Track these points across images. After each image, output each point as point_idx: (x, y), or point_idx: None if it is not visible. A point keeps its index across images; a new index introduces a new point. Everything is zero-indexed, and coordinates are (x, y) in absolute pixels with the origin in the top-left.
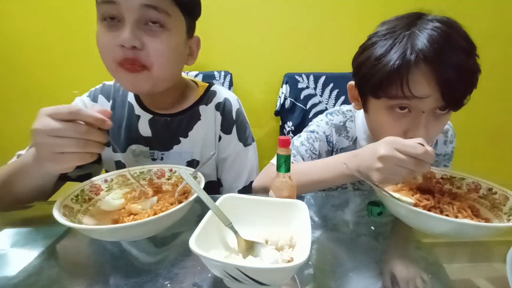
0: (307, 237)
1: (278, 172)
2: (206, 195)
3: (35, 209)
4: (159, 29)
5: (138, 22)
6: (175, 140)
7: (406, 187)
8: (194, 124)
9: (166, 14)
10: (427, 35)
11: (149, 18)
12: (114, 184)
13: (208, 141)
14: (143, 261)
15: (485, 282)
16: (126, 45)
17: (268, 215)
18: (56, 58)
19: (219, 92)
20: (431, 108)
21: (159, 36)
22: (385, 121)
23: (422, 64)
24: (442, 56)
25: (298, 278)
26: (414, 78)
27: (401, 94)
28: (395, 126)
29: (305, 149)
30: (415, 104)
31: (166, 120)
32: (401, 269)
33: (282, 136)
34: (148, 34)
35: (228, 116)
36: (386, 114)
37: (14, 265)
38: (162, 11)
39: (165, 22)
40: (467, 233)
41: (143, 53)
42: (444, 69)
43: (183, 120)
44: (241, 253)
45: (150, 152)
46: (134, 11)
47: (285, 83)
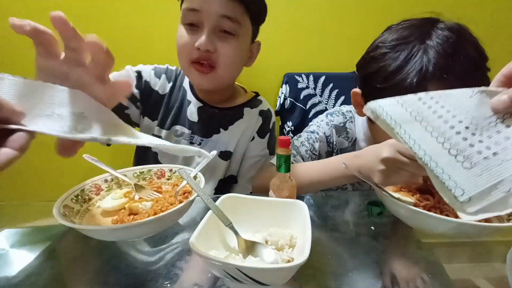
0: (307, 237)
1: (278, 172)
2: (206, 195)
3: (35, 209)
4: (230, 36)
5: (214, 29)
6: (216, 130)
7: (406, 187)
8: (236, 120)
9: (238, 23)
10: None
11: (223, 26)
12: (114, 184)
13: (244, 137)
14: (143, 261)
15: (485, 282)
16: (202, 48)
17: (268, 215)
18: None
19: (264, 102)
20: None
21: (229, 42)
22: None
23: (436, 81)
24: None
25: (298, 278)
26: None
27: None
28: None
29: (305, 149)
30: None
31: (214, 111)
32: (401, 269)
33: (282, 136)
34: (221, 39)
35: (267, 123)
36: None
37: (14, 265)
38: (235, 21)
39: (236, 30)
40: (467, 233)
41: (214, 55)
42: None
43: (228, 115)
44: (241, 253)
45: (191, 136)
46: (212, 19)
47: (285, 83)
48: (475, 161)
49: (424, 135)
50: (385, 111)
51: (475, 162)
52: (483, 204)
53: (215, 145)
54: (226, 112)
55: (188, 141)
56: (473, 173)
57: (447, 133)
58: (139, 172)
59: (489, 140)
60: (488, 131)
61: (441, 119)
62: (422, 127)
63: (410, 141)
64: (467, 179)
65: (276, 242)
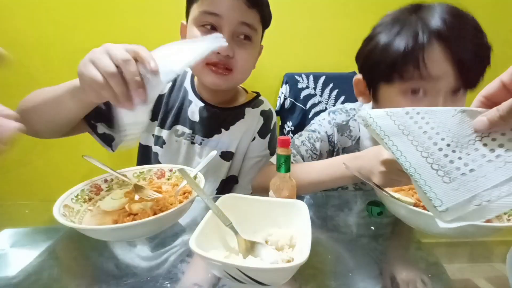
0: (307, 237)
1: (278, 172)
2: (207, 195)
3: (35, 209)
4: (247, 42)
5: (233, 35)
6: (217, 130)
7: (406, 187)
8: (238, 120)
9: (254, 30)
10: (439, 15)
11: (242, 32)
12: (114, 184)
13: (245, 138)
14: (143, 261)
15: (485, 282)
16: (223, 53)
17: (268, 215)
18: (55, 58)
19: (265, 102)
20: (447, 89)
21: (246, 48)
22: (401, 104)
23: (436, 43)
24: (456, 34)
25: (298, 278)
26: (429, 56)
27: (417, 75)
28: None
29: (306, 149)
30: (431, 86)
31: (216, 111)
32: (401, 270)
33: (282, 136)
34: (238, 45)
35: (268, 123)
36: (400, 100)
37: (14, 265)
38: (253, 28)
39: (252, 36)
40: (468, 233)
41: (232, 60)
42: (459, 47)
43: (229, 115)
44: (241, 253)
45: (192, 135)
46: (233, 25)
47: (285, 83)
48: (454, 176)
49: (410, 148)
50: (375, 122)
51: (453, 177)
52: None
53: (216, 145)
54: (227, 112)
55: (189, 141)
56: (451, 187)
57: (431, 149)
58: (139, 172)
59: (467, 157)
60: (467, 149)
61: (426, 135)
62: (408, 140)
63: (397, 152)
64: (446, 193)
65: (276, 242)
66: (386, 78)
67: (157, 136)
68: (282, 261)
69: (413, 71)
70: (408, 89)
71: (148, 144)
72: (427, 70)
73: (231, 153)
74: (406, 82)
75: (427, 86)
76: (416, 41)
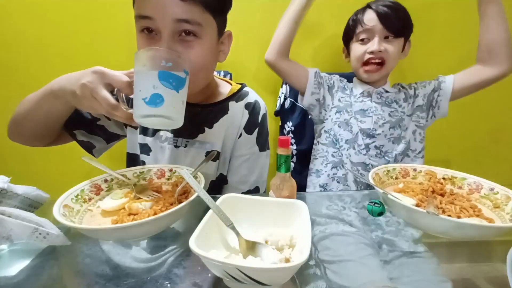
0: (307, 237)
1: (278, 172)
2: (207, 195)
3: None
4: (192, 38)
5: (173, 35)
6: (200, 129)
7: (408, 188)
8: (221, 117)
9: (198, 25)
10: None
11: (182, 30)
12: (114, 184)
13: (230, 135)
14: (143, 261)
15: (485, 282)
16: None
17: (268, 215)
18: (55, 58)
19: (251, 93)
20: (379, 35)
21: (193, 47)
22: (357, 50)
23: (369, 9)
24: (383, 4)
25: (298, 278)
26: (366, 18)
27: (360, 28)
28: (362, 49)
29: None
30: (369, 33)
31: (197, 110)
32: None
33: (282, 136)
34: (183, 45)
35: (254, 117)
36: (356, 47)
37: (14, 265)
38: (195, 23)
39: (198, 32)
40: (469, 233)
41: None
42: (381, 8)
43: (211, 112)
44: (241, 253)
45: (174, 139)
46: (169, 25)
47: (285, 83)
48: None
49: None
50: None
51: None
52: None
53: (201, 145)
54: (209, 108)
55: (172, 145)
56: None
57: None
58: (139, 172)
59: None
60: None
61: None
62: None
63: None
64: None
65: (276, 242)
66: (349, 37)
67: (141, 144)
68: (282, 261)
69: (357, 28)
70: (358, 38)
71: (136, 153)
72: (365, 24)
73: (217, 153)
74: (356, 34)
75: (367, 34)
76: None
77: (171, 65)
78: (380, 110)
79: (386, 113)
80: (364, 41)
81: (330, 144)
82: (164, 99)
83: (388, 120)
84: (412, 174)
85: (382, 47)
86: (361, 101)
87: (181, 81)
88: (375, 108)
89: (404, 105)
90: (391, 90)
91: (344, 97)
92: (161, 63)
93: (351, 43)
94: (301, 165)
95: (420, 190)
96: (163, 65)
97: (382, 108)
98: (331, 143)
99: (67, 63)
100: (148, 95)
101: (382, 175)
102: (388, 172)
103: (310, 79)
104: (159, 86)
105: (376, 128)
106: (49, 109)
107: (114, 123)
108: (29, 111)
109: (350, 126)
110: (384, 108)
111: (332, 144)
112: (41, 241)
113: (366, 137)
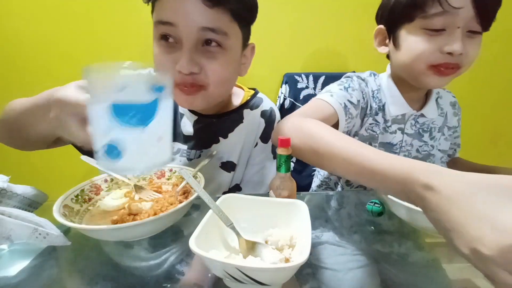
0: (307, 237)
1: (278, 172)
2: (207, 195)
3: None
4: (216, 49)
5: (196, 45)
6: (215, 139)
7: None
8: (236, 126)
9: (224, 34)
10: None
11: (206, 39)
12: (114, 184)
13: (247, 144)
14: (143, 261)
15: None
16: (184, 72)
17: (268, 215)
18: (55, 58)
19: (265, 100)
20: (465, 25)
21: (217, 58)
22: (421, 41)
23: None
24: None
25: (298, 278)
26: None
27: (437, 6)
28: (432, 44)
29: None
30: (451, 20)
31: (212, 121)
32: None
33: (282, 136)
34: (206, 56)
35: (271, 125)
36: (422, 35)
37: (14, 265)
38: (221, 32)
39: (222, 42)
40: None
41: (201, 76)
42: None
43: (226, 121)
44: (241, 253)
45: (187, 151)
46: (193, 34)
47: (285, 83)
48: None
49: None
50: None
51: None
52: None
53: (216, 156)
54: (224, 118)
55: (185, 157)
56: None
57: None
58: None
59: None
60: None
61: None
62: None
63: None
64: None
65: (276, 242)
66: (408, 17)
67: None
68: (282, 261)
69: (433, 4)
70: (428, 24)
71: None
72: (447, 1)
73: (233, 164)
74: (427, 16)
75: (447, 20)
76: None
77: (129, 91)
78: (409, 144)
79: (415, 148)
80: (438, 32)
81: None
82: (123, 148)
83: (415, 156)
84: None
85: (466, 52)
86: (392, 131)
87: (149, 109)
88: (405, 143)
89: (438, 136)
90: (430, 114)
91: (373, 124)
92: (115, 88)
93: (404, 28)
94: (301, 165)
95: None
96: (117, 92)
97: (412, 142)
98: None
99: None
100: (100, 144)
101: None
102: None
103: (341, 123)
104: (113, 128)
105: None
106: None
107: None
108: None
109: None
110: (414, 142)
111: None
112: (41, 241)
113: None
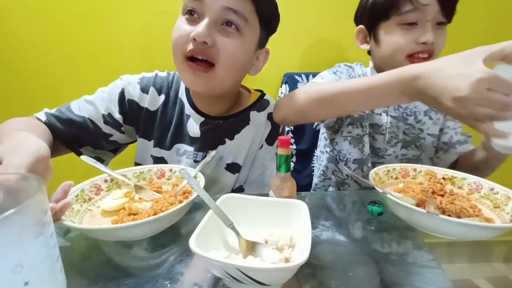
0: (307, 237)
1: (278, 172)
2: (207, 195)
3: None
4: (233, 31)
5: (216, 22)
6: (221, 140)
7: (408, 189)
8: (242, 128)
9: (244, 19)
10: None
11: (227, 19)
12: (114, 184)
13: (253, 146)
14: (143, 261)
15: (485, 282)
16: (198, 39)
17: (268, 215)
18: (55, 58)
19: (272, 102)
20: (432, 16)
21: (231, 38)
22: (398, 35)
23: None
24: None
25: (298, 278)
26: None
27: (409, 5)
28: (407, 36)
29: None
30: (421, 15)
31: (219, 123)
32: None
33: (282, 136)
34: (222, 33)
35: (276, 128)
36: (398, 30)
37: None
38: (242, 16)
39: (241, 26)
40: (469, 234)
41: (212, 50)
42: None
43: (233, 123)
44: (241, 253)
45: (194, 153)
46: (216, 11)
47: (285, 83)
48: None
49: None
50: None
51: None
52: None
53: (220, 157)
54: (230, 120)
55: (192, 159)
56: None
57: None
58: (139, 172)
59: None
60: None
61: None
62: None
63: None
64: None
65: (276, 242)
66: (385, 15)
67: (155, 157)
68: (282, 261)
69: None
70: (403, 20)
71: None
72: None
73: (238, 165)
74: (401, 13)
75: (418, 15)
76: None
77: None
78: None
79: (401, 130)
80: (412, 26)
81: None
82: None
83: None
84: (412, 174)
85: (437, 41)
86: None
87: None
88: (390, 125)
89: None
90: None
91: None
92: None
93: (382, 26)
94: (301, 165)
95: (420, 190)
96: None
97: (398, 124)
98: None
99: (68, 64)
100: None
101: (382, 175)
102: (388, 172)
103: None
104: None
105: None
106: None
107: (127, 134)
108: None
109: (362, 144)
110: (400, 124)
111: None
112: None
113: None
